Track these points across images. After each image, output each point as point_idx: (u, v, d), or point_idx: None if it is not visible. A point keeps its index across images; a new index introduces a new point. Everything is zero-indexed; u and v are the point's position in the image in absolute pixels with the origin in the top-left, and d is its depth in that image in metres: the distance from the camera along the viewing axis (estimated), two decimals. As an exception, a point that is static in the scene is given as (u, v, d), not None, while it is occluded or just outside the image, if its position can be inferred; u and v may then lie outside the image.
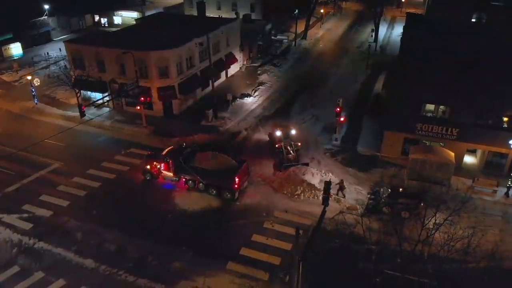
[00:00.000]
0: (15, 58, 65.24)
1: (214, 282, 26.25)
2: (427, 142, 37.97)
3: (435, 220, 23.08)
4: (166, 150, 36.38)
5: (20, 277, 26.71)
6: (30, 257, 28.26)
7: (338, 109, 41.05)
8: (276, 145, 38.96)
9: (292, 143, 38.75)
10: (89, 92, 50.01)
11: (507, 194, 34.17)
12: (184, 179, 35.15)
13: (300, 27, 78.01)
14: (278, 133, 39.80)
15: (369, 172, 37.39)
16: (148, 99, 44.79)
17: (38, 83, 51.17)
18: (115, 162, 39.08)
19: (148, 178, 36.26)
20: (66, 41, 51.42)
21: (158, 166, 35.73)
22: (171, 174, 35.40)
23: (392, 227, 24.00)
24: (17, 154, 37.16)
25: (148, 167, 36.08)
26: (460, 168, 36.61)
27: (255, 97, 53.53)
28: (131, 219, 31.80)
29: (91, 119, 43.94)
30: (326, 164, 38.84)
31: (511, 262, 27.13)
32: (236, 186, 33.03)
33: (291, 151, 37.78)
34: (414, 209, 30.43)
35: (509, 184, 34.01)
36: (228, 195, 33.57)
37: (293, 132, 40.28)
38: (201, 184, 34.44)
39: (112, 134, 44.35)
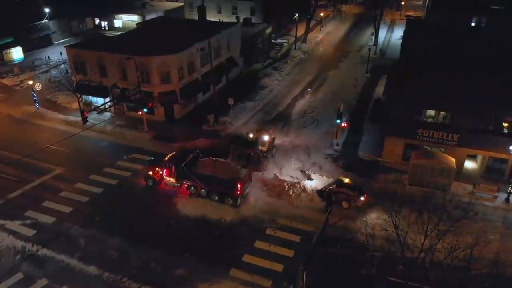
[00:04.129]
0: (16, 62, 65.32)
1: (217, 289, 26.42)
2: (428, 148, 38.16)
3: (438, 229, 23.26)
4: (168, 156, 36.53)
5: (24, 284, 26.82)
6: (34, 264, 28.38)
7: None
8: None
9: (259, 148, 38.34)
10: (90, 97, 50.13)
11: (507, 199, 34.35)
12: (186, 185, 35.30)
13: (300, 31, 78.27)
14: (250, 135, 40.15)
15: (370, 177, 37.55)
16: (150, 104, 44.97)
17: (40, 88, 51.30)
18: (117, 167, 39.22)
19: (150, 184, 36.40)
20: (67, 46, 51.46)
21: (160, 172, 35.89)
22: (173, 180, 35.52)
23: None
24: (20, 159, 37.25)
25: (150, 173, 36.23)
26: (460, 174, 36.81)
27: (256, 101, 53.70)
28: (134, 225, 31.94)
29: (94, 124, 44.03)
30: (327, 169, 38.97)
31: (512, 268, 27.34)
32: (238, 192, 33.17)
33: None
34: (354, 200, 32.88)
35: (510, 190, 34.19)
36: (230, 201, 33.72)
37: (266, 138, 39.35)
38: (203, 190, 34.59)
39: (114, 139, 44.48)
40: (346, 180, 34.98)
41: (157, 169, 36.00)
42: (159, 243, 30.05)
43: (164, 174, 35.76)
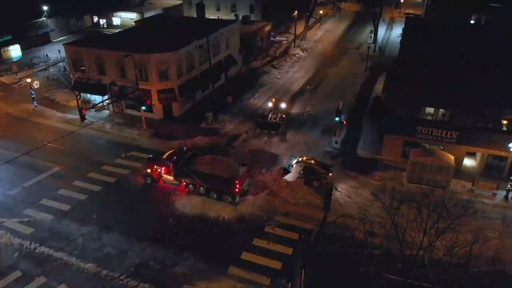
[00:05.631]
0: (14, 60, 65.07)
1: (216, 287, 26.30)
2: (427, 145, 38.10)
3: (437, 226, 23.20)
4: (167, 153, 36.40)
5: (22, 282, 26.72)
6: (32, 262, 28.29)
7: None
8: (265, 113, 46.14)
9: (279, 114, 45.47)
10: (88, 95, 49.98)
11: (506, 197, 34.34)
12: (184, 183, 35.21)
13: (299, 28, 78.10)
14: (270, 104, 47.55)
15: (369, 175, 37.48)
16: (148, 102, 44.83)
17: (38, 86, 51.12)
18: (116, 165, 39.10)
19: (148, 181, 36.28)
20: (65, 44, 51.26)
21: (159, 170, 35.79)
22: (171, 178, 35.43)
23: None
24: (17, 157, 37.12)
25: (149, 170, 36.12)
26: (459, 171, 36.76)
27: (255, 99, 53.58)
28: (132, 223, 31.82)
29: (92, 122, 43.88)
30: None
31: None
32: (237, 190, 33.09)
33: (273, 118, 44.57)
34: (324, 178, 35.32)
35: (509, 187, 34.19)
36: (229, 199, 33.65)
37: (283, 105, 47.39)
38: (201, 188, 34.50)
39: (112, 137, 44.35)
40: (309, 160, 36.92)
41: (155, 167, 35.92)
42: (157, 241, 29.97)
43: (163, 172, 35.67)
